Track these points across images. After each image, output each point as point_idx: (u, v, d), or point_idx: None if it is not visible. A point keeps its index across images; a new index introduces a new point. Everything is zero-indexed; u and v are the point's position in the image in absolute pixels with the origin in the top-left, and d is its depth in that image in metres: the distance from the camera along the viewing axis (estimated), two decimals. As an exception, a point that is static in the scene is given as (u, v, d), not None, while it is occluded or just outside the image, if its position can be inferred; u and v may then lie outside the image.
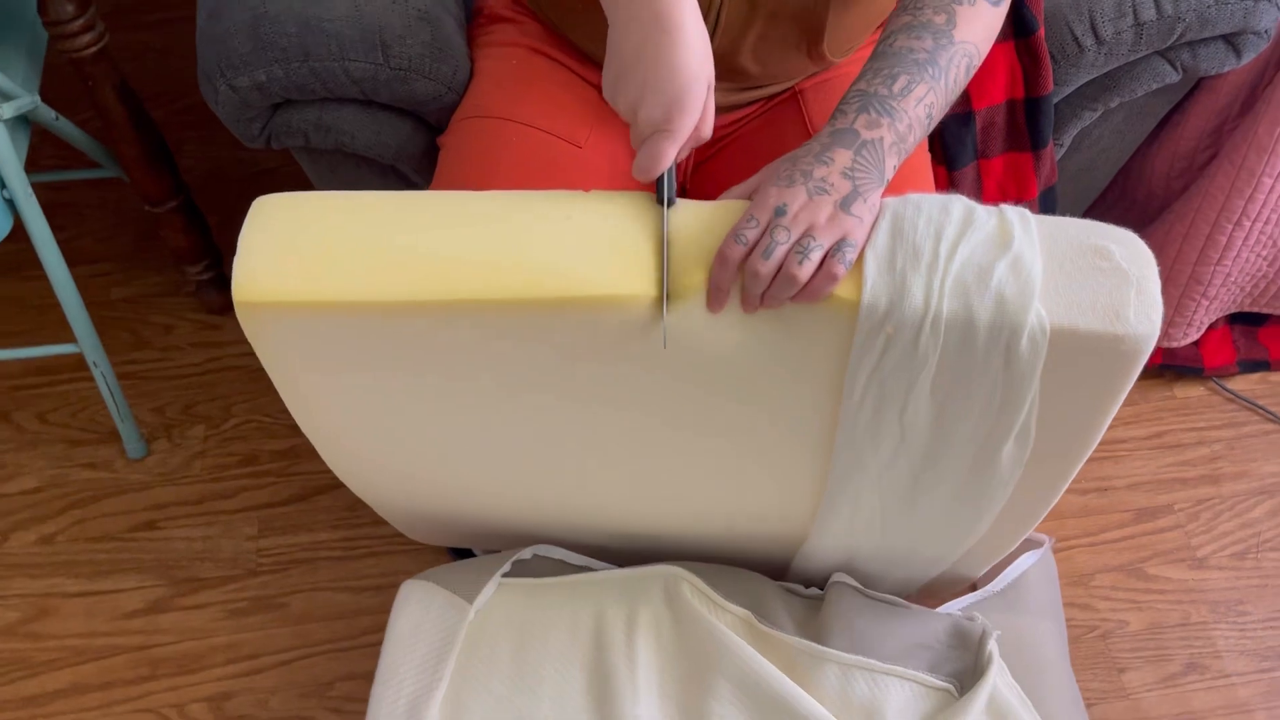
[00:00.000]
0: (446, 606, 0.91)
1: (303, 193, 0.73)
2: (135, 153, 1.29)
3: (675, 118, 0.68)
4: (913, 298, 0.67)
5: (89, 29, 1.16)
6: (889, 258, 0.68)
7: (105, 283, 1.57)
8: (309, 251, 0.70)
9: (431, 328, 0.71)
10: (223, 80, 0.94)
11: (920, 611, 0.94)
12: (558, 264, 0.69)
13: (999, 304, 0.67)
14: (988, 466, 0.79)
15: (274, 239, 0.70)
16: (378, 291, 0.69)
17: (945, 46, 0.73)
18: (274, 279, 0.69)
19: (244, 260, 0.70)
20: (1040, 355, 0.69)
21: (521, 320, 0.71)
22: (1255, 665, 1.26)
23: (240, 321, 0.71)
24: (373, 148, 1.04)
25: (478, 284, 0.69)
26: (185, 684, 1.23)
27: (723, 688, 0.87)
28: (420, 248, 0.70)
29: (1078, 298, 0.68)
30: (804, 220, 0.67)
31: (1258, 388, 1.51)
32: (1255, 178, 1.23)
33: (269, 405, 1.45)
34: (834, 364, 0.73)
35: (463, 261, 0.69)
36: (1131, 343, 0.68)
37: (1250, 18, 1.04)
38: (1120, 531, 1.36)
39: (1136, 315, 0.67)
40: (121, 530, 1.34)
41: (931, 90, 0.72)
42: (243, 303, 0.69)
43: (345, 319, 0.70)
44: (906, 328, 0.68)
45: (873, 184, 0.69)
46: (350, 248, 0.70)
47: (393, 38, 0.95)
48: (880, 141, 0.70)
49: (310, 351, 0.74)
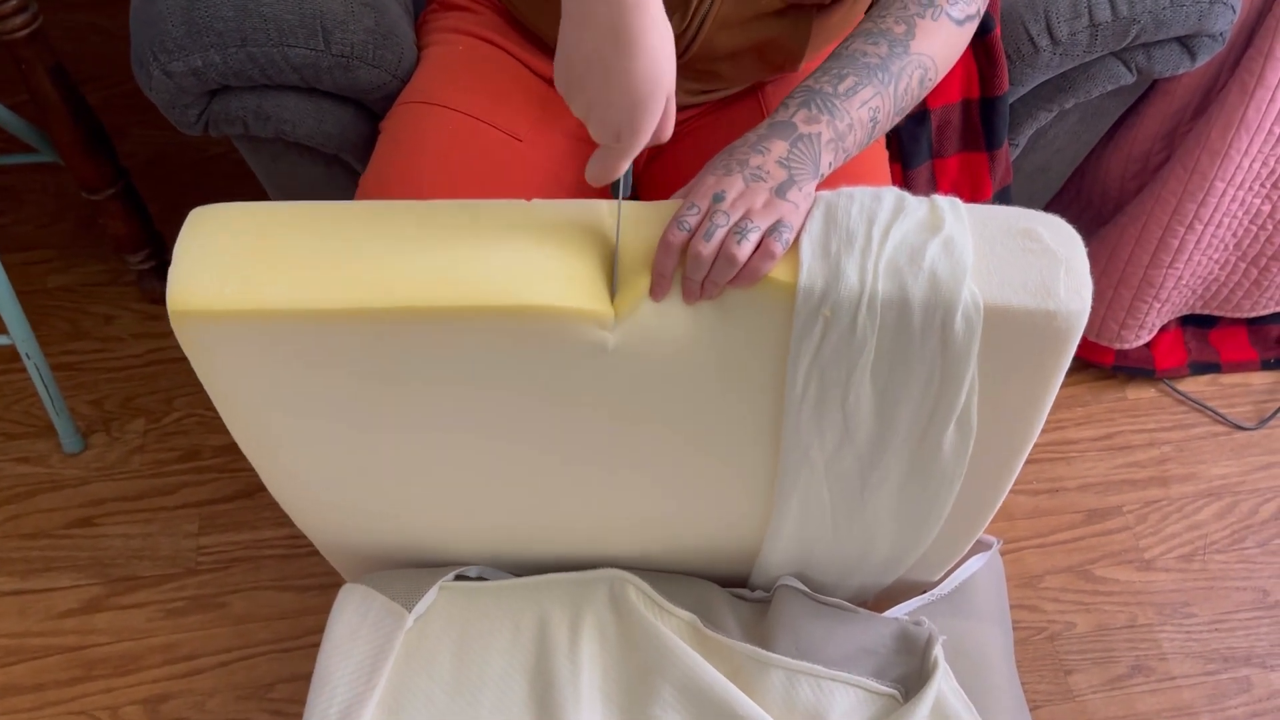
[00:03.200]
0: (384, 613, 0.89)
1: (241, 203, 0.72)
2: (71, 138, 1.26)
3: (627, 137, 0.64)
4: (848, 279, 0.69)
5: (22, 9, 1.12)
6: (823, 242, 0.70)
7: (43, 270, 1.53)
8: (246, 261, 0.69)
9: (369, 337, 0.70)
10: (156, 65, 0.91)
11: (866, 616, 0.93)
12: (500, 273, 0.69)
13: (932, 283, 0.69)
14: (931, 457, 0.80)
15: (210, 249, 0.69)
16: (316, 300, 0.68)
17: (900, 55, 0.74)
18: (209, 288, 0.68)
19: (179, 270, 0.68)
20: (975, 334, 0.70)
21: (463, 330, 0.70)
22: (1200, 668, 1.27)
23: (175, 332, 0.70)
24: (315, 137, 1.01)
25: (417, 292, 0.68)
26: (120, 685, 1.20)
27: (666, 692, 0.86)
28: (359, 257, 0.69)
29: (1009, 277, 0.70)
30: (741, 205, 0.68)
31: (1208, 390, 1.52)
32: (1208, 181, 1.24)
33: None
34: (776, 354, 0.74)
35: (402, 270, 0.68)
36: (1064, 319, 0.69)
37: (1205, 20, 1.04)
38: (1070, 533, 1.37)
39: (1067, 292, 0.69)
40: (56, 527, 1.31)
41: (879, 94, 0.73)
42: (177, 312, 0.68)
43: (282, 328, 0.69)
44: (843, 309, 0.70)
45: (807, 175, 0.70)
46: (288, 257, 0.69)
47: (334, 23, 0.92)
48: (817, 137, 0.71)
49: (247, 363, 0.73)
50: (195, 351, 0.72)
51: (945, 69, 0.78)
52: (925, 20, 0.75)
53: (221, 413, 0.79)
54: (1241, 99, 1.17)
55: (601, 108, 0.64)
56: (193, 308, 0.67)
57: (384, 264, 0.69)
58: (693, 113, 0.99)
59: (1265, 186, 1.25)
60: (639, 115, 0.63)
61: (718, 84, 0.94)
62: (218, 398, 0.77)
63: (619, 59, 0.61)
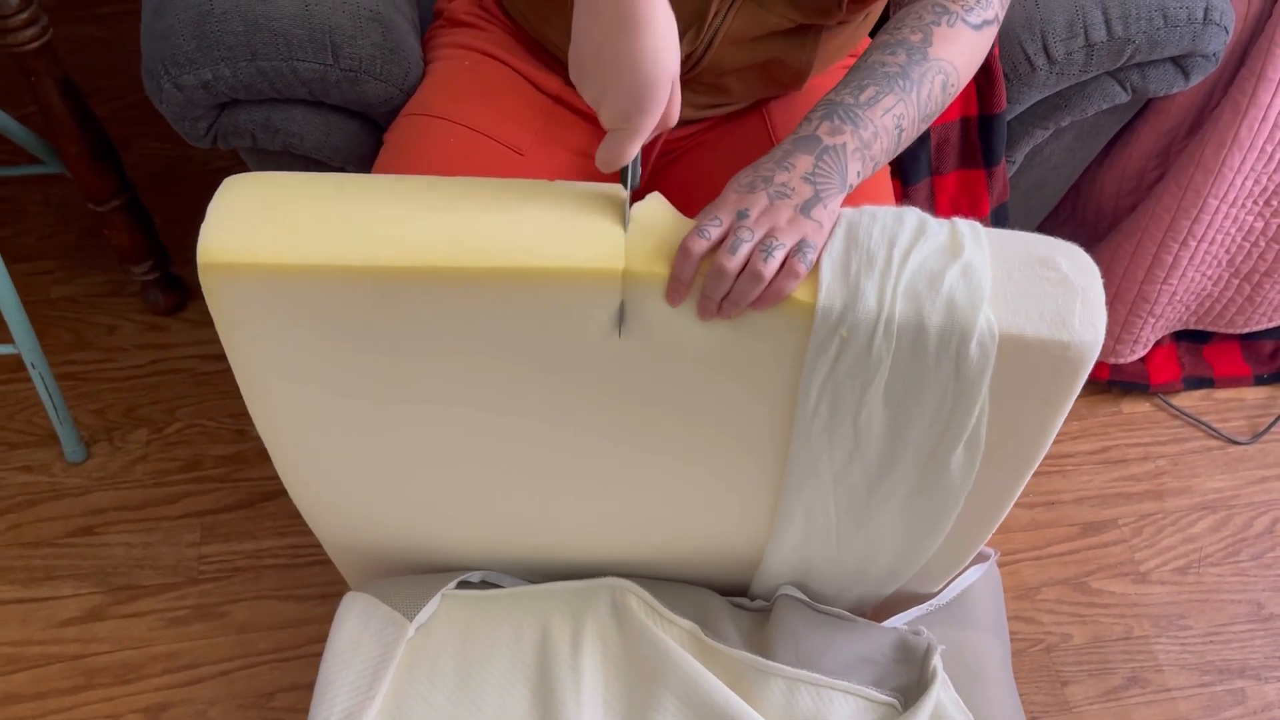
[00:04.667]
0: (386, 622, 0.90)
1: (272, 173, 0.74)
2: (78, 149, 1.27)
3: (635, 118, 0.67)
4: (866, 301, 0.69)
5: (32, 23, 1.13)
6: (844, 262, 0.70)
7: (47, 281, 1.53)
8: (277, 220, 0.70)
9: (392, 298, 0.71)
10: (167, 78, 0.92)
11: (866, 625, 0.94)
12: (523, 237, 0.70)
13: (949, 309, 0.69)
14: (939, 474, 0.80)
15: (242, 209, 0.71)
16: (342, 257, 0.69)
17: (919, 62, 0.75)
18: (240, 243, 0.69)
19: (210, 227, 0.70)
20: (989, 360, 0.70)
21: (482, 294, 0.71)
22: (1196, 679, 1.28)
23: (203, 286, 0.71)
24: (322, 149, 1.02)
25: (443, 252, 0.69)
26: (121, 694, 1.20)
27: (667, 701, 0.87)
28: (388, 219, 0.70)
29: (1025, 305, 0.70)
30: (765, 223, 0.68)
31: (1202, 404, 1.53)
32: (1201, 198, 1.25)
33: (214, 409, 1.42)
34: (789, 368, 0.74)
35: (425, 233, 0.70)
36: (1077, 350, 0.69)
37: (1198, 41, 1.06)
38: (1066, 545, 1.38)
39: (1081, 323, 0.69)
40: (58, 536, 1.31)
41: (901, 101, 0.73)
42: (207, 264, 0.69)
43: (307, 284, 0.70)
44: (860, 330, 0.70)
45: (834, 189, 0.70)
46: (316, 220, 0.70)
47: (343, 38, 0.93)
48: (843, 147, 0.71)
49: (271, 320, 0.74)
50: (221, 307, 0.73)
51: (968, 75, 0.78)
52: (941, 27, 0.76)
53: (240, 381, 0.80)
54: (1235, 118, 1.19)
55: (612, 91, 0.67)
56: (221, 260, 0.69)
57: (409, 226, 0.70)
58: (699, 127, 1.00)
59: (1258, 204, 1.27)
60: (647, 99, 0.67)
61: (724, 99, 0.96)
62: (238, 362, 0.78)
63: (627, 42, 0.65)
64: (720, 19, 0.84)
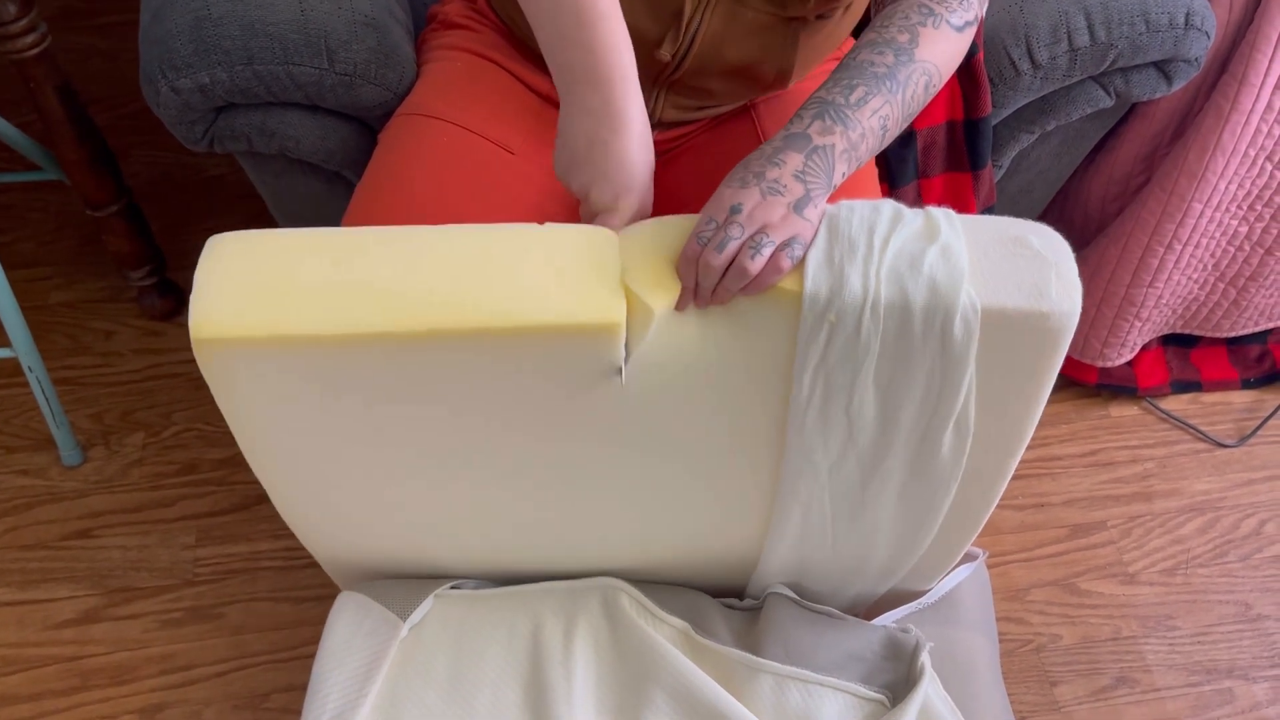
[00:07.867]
0: (380, 622, 0.90)
1: (257, 230, 0.73)
2: (76, 156, 1.28)
3: (624, 198, 0.76)
4: (851, 286, 0.71)
5: (31, 30, 1.15)
6: (827, 252, 0.72)
7: (45, 287, 1.54)
8: (267, 288, 0.70)
9: (389, 361, 0.72)
10: (164, 82, 0.94)
11: (855, 623, 0.95)
12: (521, 292, 0.70)
13: (932, 288, 0.71)
14: (931, 458, 0.82)
15: (230, 276, 0.70)
16: (338, 325, 0.69)
17: (905, 63, 0.77)
18: (232, 315, 0.69)
19: (200, 298, 0.69)
20: (973, 336, 0.72)
21: (484, 351, 0.71)
22: (1184, 679, 1.29)
23: (199, 362, 0.71)
24: (317, 153, 1.04)
25: (440, 315, 0.69)
26: (117, 695, 1.21)
27: (659, 698, 0.87)
28: (379, 281, 0.70)
29: (1003, 280, 0.72)
30: (758, 219, 0.70)
31: (1189, 408, 1.55)
32: (1186, 203, 1.27)
33: (210, 414, 1.43)
34: (782, 360, 0.76)
35: (419, 294, 0.70)
36: (1056, 319, 0.72)
37: (1180, 46, 1.07)
38: (1055, 547, 1.39)
39: (1058, 293, 0.72)
40: (55, 539, 1.32)
41: (888, 103, 0.76)
42: (201, 340, 0.69)
43: (303, 353, 0.70)
44: (848, 315, 0.72)
45: (821, 188, 0.72)
46: (307, 283, 0.70)
47: (338, 43, 0.95)
48: (831, 148, 0.73)
49: (268, 387, 0.74)
50: (217, 378, 0.73)
51: (947, 75, 0.81)
52: (928, 28, 0.78)
53: (237, 435, 0.79)
54: (1217, 123, 1.21)
55: (602, 180, 0.76)
56: (216, 335, 0.68)
57: (402, 288, 0.70)
58: (688, 129, 1.01)
59: (1241, 208, 1.29)
60: (634, 184, 0.76)
61: (710, 101, 0.97)
62: (235, 422, 0.78)
63: (614, 139, 0.75)
64: (699, 20, 0.86)
